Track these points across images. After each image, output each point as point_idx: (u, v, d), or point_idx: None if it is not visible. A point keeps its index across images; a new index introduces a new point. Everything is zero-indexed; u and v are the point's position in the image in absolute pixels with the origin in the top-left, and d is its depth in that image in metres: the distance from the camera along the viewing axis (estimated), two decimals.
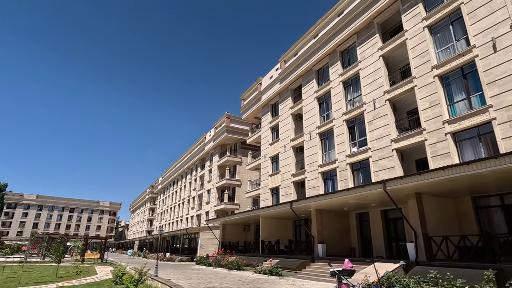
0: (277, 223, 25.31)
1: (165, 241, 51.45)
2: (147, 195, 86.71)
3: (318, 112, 24.80)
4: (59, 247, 21.55)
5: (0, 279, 14.80)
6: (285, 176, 27.04)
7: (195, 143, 54.97)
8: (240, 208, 38.54)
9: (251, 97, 35.70)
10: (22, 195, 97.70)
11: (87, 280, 14.82)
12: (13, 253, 39.01)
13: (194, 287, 13.23)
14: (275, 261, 19.72)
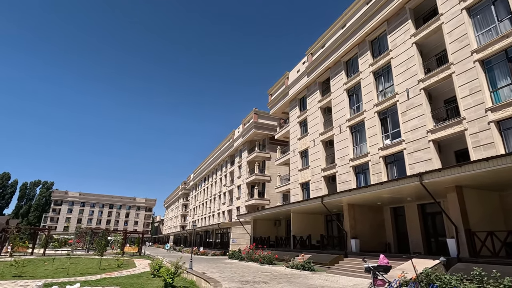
0: (308, 218, 25.12)
1: (198, 236, 52.94)
2: (180, 191, 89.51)
3: (348, 104, 24.16)
4: (101, 241, 22.92)
5: (51, 270, 16.03)
6: (315, 170, 26.71)
7: (224, 139, 55.76)
8: (270, 203, 38.67)
9: (278, 92, 35.51)
10: (67, 192, 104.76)
11: (127, 272, 15.64)
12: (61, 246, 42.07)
13: (227, 280, 13.52)
14: (307, 256, 19.64)
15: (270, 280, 13.73)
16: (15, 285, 10.83)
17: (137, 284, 11.62)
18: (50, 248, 36.60)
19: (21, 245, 27.98)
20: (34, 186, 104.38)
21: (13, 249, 25.34)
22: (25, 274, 14.25)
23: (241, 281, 13.37)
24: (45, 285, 10.55)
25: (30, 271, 15.29)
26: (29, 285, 10.76)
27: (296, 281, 13.61)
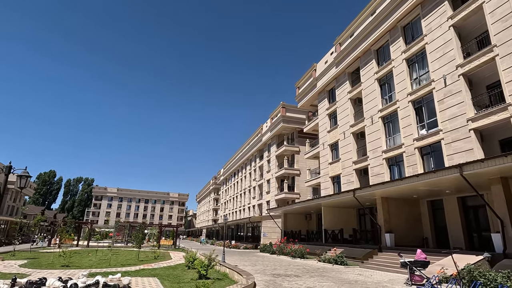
0: (339, 211, 24.71)
1: (230, 229, 53.94)
2: (211, 186, 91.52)
3: (380, 94, 23.27)
4: (138, 234, 24.01)
5: (95, 261, 17.13)
6: (346, 163, 26.11)
7: (253, 134, 56.03)
8: (300, 197, 38.43)
9: (306, 85, 34.97)
10: (106, 188, 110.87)
11: (163, 264, 16.32)
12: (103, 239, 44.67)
13: (259, 273, 13.68)
14: (339, 250, 19.38)
15: (302, 274, 13.71)
16: (64, 274, 11.69)
17: (173, 276, 12.08)
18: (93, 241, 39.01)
19: (67, 237, 30.02)
20: (77, 183, 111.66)
21: (61, 241, 27.29)
22: (72, 264, 15.35)
23: (273, 274, 13.48)
24: (90, 274, 11.29)
25: (76, 262, 16.43)
26: (76, 275, 11.57)
27: (328, 275, 13.48)
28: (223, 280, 11.23)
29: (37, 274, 12.01)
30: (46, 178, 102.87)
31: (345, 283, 11.34)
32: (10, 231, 46.73)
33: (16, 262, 16.02)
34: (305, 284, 10.98)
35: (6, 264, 15.19)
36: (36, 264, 15.47)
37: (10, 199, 53.82)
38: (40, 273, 12.16)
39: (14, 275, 10.02)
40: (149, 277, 11.76)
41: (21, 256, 18.88)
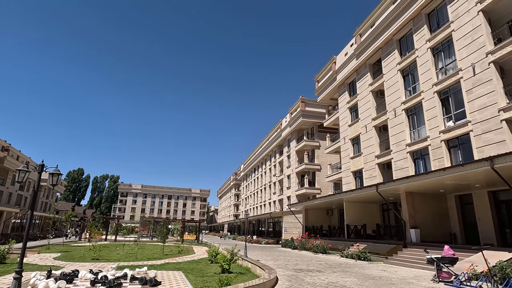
0: (362, 207, 24.29)
1: (251, 225, 54.35)
2: (232, 182, 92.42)
3: (403, 86, 22.53)
4: (162, 229, 24.71)
5: (122, 254, 17.82)
6: (368, 158, 25.56)
7: (272, 130, 55.90)
8: (322, 192, 38.06)
9: (325, 78, 34.41)
10: (131, 185, 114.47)
11: (187, 258, 16.73)
12: (129, 234, 46.32)
13: (281, 268, 13.73)
14: (362, 246, 19.08)
15: (324, 269, 13.64)
16: (94, 267, 12.24)
17: (197, 269, 12.37)
18: (120, 235, 40.53)
19: (96, 232, 31.40)
20: (103, 180, 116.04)
21: (91, 235, 28.57)
22: (102, 257, 16.04)
23: (295, 269, 13.49)
24: (118, 267, 11.77)
25: (105, 255, 17.14)
26: (105, 267, 12.09)
27: (351, 270, 13.33)
28: (246, 274, 11.37)
29: (70, 266, 12.66)
30: (75, 176, 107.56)
31: (368, 278, 11.18)
32: (44, 226, 49.41)
33: (50, 255, 16.94)
34: (328, 279, 10.92)
35: (42, 256, 16.10)
36: (68, 257, 16.29)
37: (43, 196, 56.81)
38: (73, 266, 12.81)
39: (49, 267, 10.62)
40: (174, 270, 12.09)
41: (55, 250, 19.93)
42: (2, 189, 41.67)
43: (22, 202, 48.30)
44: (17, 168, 7.03)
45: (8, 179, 43.14)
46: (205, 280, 9.83)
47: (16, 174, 7.05)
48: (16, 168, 7.49)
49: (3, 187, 42.15)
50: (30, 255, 16.45)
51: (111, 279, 8.95)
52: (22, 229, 41.99)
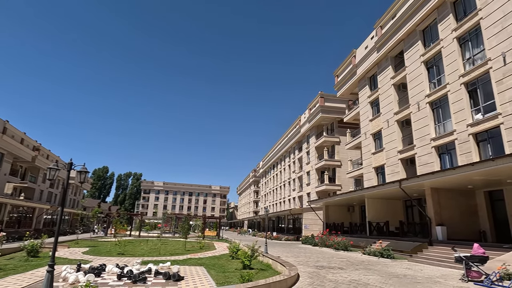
0: (384, 203, 23.76)
1: (271, 221, 54.45)
2: (251, 178, 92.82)
3: (427, 78, 21.73)
4: (184, 225, 25.25)
5: (146, 250, 18.34)
6: (390, 153, 24.91)
7: (291, 126, 55.57)
8: (342, 188, 37.51)
9: (345, 72, 33.75)
10: (153, 182, 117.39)
11: (209, 254, 16.98)
12: (152, 230, 47.59)
13: (302, 265, 13.67)
14: (385, 243, 18.70)
15: (346, 266, 13.46)
16: (120, 261, 12.68)
17: (218, 265, 12.53)
18: (143, 231, 41.68)
19: (121, 228, 32.43)
20: (127, 177, 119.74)
21: (116, 231, 29.58)
22: (127, 252, 16.58)
23: (316, 266, 13.40)
24: (142, 262, 12.13)
25: (130, 250, 17.71)
26: (131, 262, 12.49)
27: (374, 268, 13.08)
28: (267, 270, 11.40)
29: (98, 260, 13.17)
30: (100, 174, 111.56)
31: (392, 277, 10.93)
32: (73, 222, 51.66)
33: (79, 249, 17.69)
34: (350, 276, 10.77)
35: (72, 251, 16.84)
36: (96, 251, 16.95)
37: (71, 193, 59.38)
38: (100, 260, 13.32)
39: (79, 261, 11.10)
40: (196, 266, 12.31)
41: (83, 244, 20.79)
42: (34, 186, 43.88)
43: (52, 199, 50.69)
44: (48, 166, 7.36)
45: (39, 177, 45.38)
46: (227, 276, 9.95)
47: (47, 172, 7.39)
48: (47, 166, 7.85)
49: (35, 184, 44.38)
50: (61, 249, 17.25)
51: (136, 273, 9.23)
52: (53, 224, 44.10)
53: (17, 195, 38.70)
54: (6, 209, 31.41)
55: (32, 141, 41.71)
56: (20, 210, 35.13)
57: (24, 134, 38.75)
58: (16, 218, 34.15)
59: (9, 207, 32.16)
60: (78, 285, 7.25)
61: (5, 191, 35.24)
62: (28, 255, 13.69)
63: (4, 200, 29.93)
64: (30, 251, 13.81)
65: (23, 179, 41.83)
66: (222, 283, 8.85)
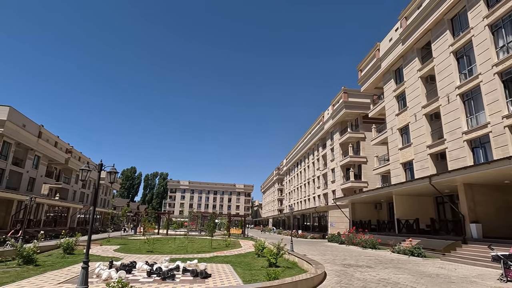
0: (414, 200, 22.94)
1: (296, 219, 54.15)
2: (274, 176, 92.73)
3: (456, 69, 20.69)
4: (210, 223, 25.65)
5: (174, 247, 18.82)
6: (418, 148, 23.98)
7: (314, 123, 54.91)
8: (369, 185, 36.61)
9: (369, 66, 32.84)
10: (179, 181, 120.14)
11: (235, 252, 17.15)
12: (179, 228, 48.79)
13: (329, 263, 13.49)
14: (415, 241, 18.08)
15: (374, 265, 13.14)
16: (149, 259, 13.09)
17: (245, 263, 12.63)
18: (170, 229, 42.81)
19: (149, 226, 33.49)
20: (154, 177, 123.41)
21: (145, 230, 30.57)
22: (155, 250, 17.09)
23: (343, 264, 13.18)
24: (171, 259, 12.46)
25: (159, 248, 18.23)
26: (159, 259, 12.86)
27: (404, 267, 12.67)
28: (293, 268, 11.35)
29: (128, 257, 13.68)
30: (129, 174, 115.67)
31: (424, 276, 10.53)
32: (104, 220, 53.99)
33: (111, 247, 18.45)
34: (379, 275, 10.49)
35: (104, 248, 17.59)
36: (126, 249, 17.61)
37: (102, 193, 62.00)
38: (131, 257, 13.82)
39: (110, 259, 11.58)
40: (223, 263, 12.48)
41: (114, 242, 21.66)
42: (68, 187, 46.24)
43: (85, 199, 53.18)
44: (80, 168, 7.71)
45: (72, 178, 47.77)
46: (253, 274, 10.00)
47: (80, 173, 7.75)
48: (79, 168, 8.23)
49: (69, 185, 46.75)
50: (94, 247, 18.07)
51: (165, 270, 9.49)
52: (86, 223, 46.30)
53: (53, 195, 40.94)
54: (43, 209, 33.35)
55: (64, 144, 43.92)
56: (55, 209, 37.18)
57: (57, 137, 40.88)
58: (52, 217, 36.18)
59: (46, 207, 34.11)
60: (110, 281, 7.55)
61: (42, 191, 37.39)
62: (64, 252, 14.45)
63: (41, 200, 31.77)
64: (66, 249, 14.58)
65: (57, 180, 44.22)
66: (249, 280, 8.91)
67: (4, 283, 8.12)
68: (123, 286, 6.85)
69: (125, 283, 6.98)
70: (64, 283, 8.37)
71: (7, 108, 29.19)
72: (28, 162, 34.37)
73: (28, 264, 11.04)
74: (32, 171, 35.51)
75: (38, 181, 36.94)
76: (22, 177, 33.31)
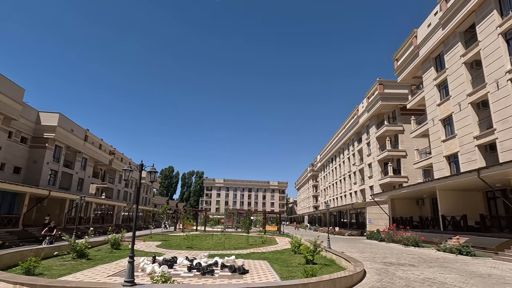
0: (460, 195, 21.54)
1: (332, 216, 53.15)
2: (309, 173, 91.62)
3: (506, 51, 18.96)
4: (246, 220, 25.98)
5: (212, 244, 19.33)
6: (464, 139, 22.39)
7: (348, 117, 53.39)
8: (409, 180, 34.88)
9: (405, 55, 31.18)
10: (214, 179, 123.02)
11: (271, 248, 17.23)
12: (216, 225, 49.95)
13: (369, 261, 13.10)
14: (463, 239, 16.97)
15: (418, 263, 12.53)
16: (189, 254, 13.57)
17: (281, 260, 12.64)
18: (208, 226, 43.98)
19: (188, 223, 34.64)
20: (190, 176, 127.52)
21: (184, 226, 31.70)
22: (194, 246, 17.66)
23: (384, 262, 12.73)
24: (209, 255, 12.81)
25: (197, 244, 18.82)
26: (199, 255, 13.28)
27: (452, 266, 11.94)
28: (331, 266, 11.17)
29: (169, 253, 14.28)
30: (167, 173, 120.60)
31: (474, 276, 9.85)
32: (146, 218, 56.82)
33: (153, 243, 19.37)
34: (423, 274, 9.99)
35: (147, 244, 18.52)
36: (167, 245, 18.38)
37: (143, 192, 65.26)
38: (171, 253, 14.42)
39: (153, 254, 12.19)
40: (260, 260, 12.60)
41: (156, 238, 22.71)
42: (112, 186, 49.23)
43: (128, 197, 56.30)
44: (123, 168, 8.18)
45: (115, 178, 50.78)
46: (290, 271, 9.99)
47: (123, 173, 8.22)
48: (122, 168, 8.72)
49: (113, 185, 49.76)
50: (137, 243, 19.08)
51: (204, 266, 9.79)
52: (130, 220, 49.02)
53: (99, 194, 43.85)
54: (92, 207, 35.83)
55: (108, 146, 46.76)
56: (102, 207, 39.78)
57: (101, 140, 43.63)
58: (100, 215, 38.77)
59: (94, 205, 36.61)
60: (154, 275, 7.95)
61: (90, 191, 40.20)
62: (111, 247, 15.44)
63: (90, 199, 34.16)
64: (113, 244, 15.57)
65: (103, 180, 47.27)
66: (286, 277, 8.91)
67: (62, 275, 8.87)
68: (166, 280, 7.19)
69: (167, 277, 7.32)
70: (113, 276, 8.96)
71: (57, 114, 31.69)
72: (77, 164, 37.06)
73: (81, 258, 11.95)
74: (81, 172, 38.25)
75: (86, 182, 39.73)
76: (72, 178, 36.02)
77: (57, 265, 10.53)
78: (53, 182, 32.52)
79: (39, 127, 30.78)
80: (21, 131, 29.01)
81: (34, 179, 29.35)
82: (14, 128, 27.75)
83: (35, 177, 29.69)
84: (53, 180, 32.61)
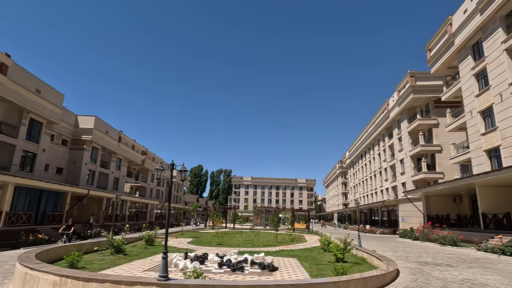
0: (502, 191, 20.18)
1: (362, 214, 51.87)
2: (337, 170, 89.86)
3: None
4: (274, 218, 26.02)
5: (241, 241, 19.56)
6: (506, 132, 20.90)
7: (377, 112, 51.69)
8: (445, 176, 33.20)
9: (439, 44, 29.59)
10: (242, 177, 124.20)
11: (300, 246, 17.14)
12: (245, 222, 50.49)
13: (402, 260, 12.68)
14: (507, 239, 15.92)
15: (456, 264, 11.94)
16: (219, 251, 13.85)
17: (311, 257, 12.56)
18: (237, 223, 44.56)
19: (217, 220, 35.33)
20: (219, 174, 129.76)
21: (214, 224, 32.35)
22: (224, 243, 17.98)
23: (418, 262, 12.26)
24: (239, 252, 13.00)
25: (227, 241, 19.15)
26: (228, 251, 13.52)
27: (494, 267, 11.26)
28: (362, 264, 10.94)
29: (200, 249, 14.66)
30: (196, 172, 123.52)
31: None
32: (177, 215, 58.63)
33: (185, 239, 19.97)
34: (462, 275, 9.51)
35: (178, 241, 19.12)
36: (198, 242, 18.87)
37: (174, 190, 67.32)
38: (202, 249, 14.80)
39: (185, 250, 12.59)
40: (289, 257, 12.60)
41: (187, 235, 23.37)
42: (145, 185, 51.26)
43: (160, 195, 58.36)
44: (155, 167, 8.52)
45: (148, 177, 52.81)
46: (320, 268, 9.91)
47: (155, 172, 8.57)
48: (154, 168, 9.09)
49: (146, 183, 51.80)
50: (170, 239, 19.74)
51: (234, 262, 9.96)
52: (162, 217, 50.81)
53: (133, 193, 45.80)
54: (127, 205, 37.53)
55: (140, 146, 48.71)
56: (136, 205, 41.55)
57: (134, 141, 45.52)
58: (134, 212, 40.54)
59: (129, 203, 38.32)
60: (187, 270, 8.23)
61: (125, 190, 42.11)
62: (146, 243, 16.13)
63: (125, 198, 35.79)
64: (147, 240, 16.27)
65: (136, 179, 49.35)
66: (316, 275, 8.86)
67: (102, 268, 9.44)
68: (198, 275, 7.42)
69: (199, 273, 7.54)
70: (148, 270, 9.38)
71: (93, 118, 33.50)
72: (112, 164, 38.98)
73: (118, 253, 12.61)
74: (116, 171, 40.18)
75: (121, 181, 41.69)
76: (108, 177, 37.95)
77: (97, 259, 11.20)
78: (91, 182, 34.47)
79: (77, 129, 32.75)
80: (61, 134, 31.02)
81: (74, 179, 31.29)
82: (56, 132, 29.74)
83: (75, 177, 31.64)
84: (91, 180, 34.56)
